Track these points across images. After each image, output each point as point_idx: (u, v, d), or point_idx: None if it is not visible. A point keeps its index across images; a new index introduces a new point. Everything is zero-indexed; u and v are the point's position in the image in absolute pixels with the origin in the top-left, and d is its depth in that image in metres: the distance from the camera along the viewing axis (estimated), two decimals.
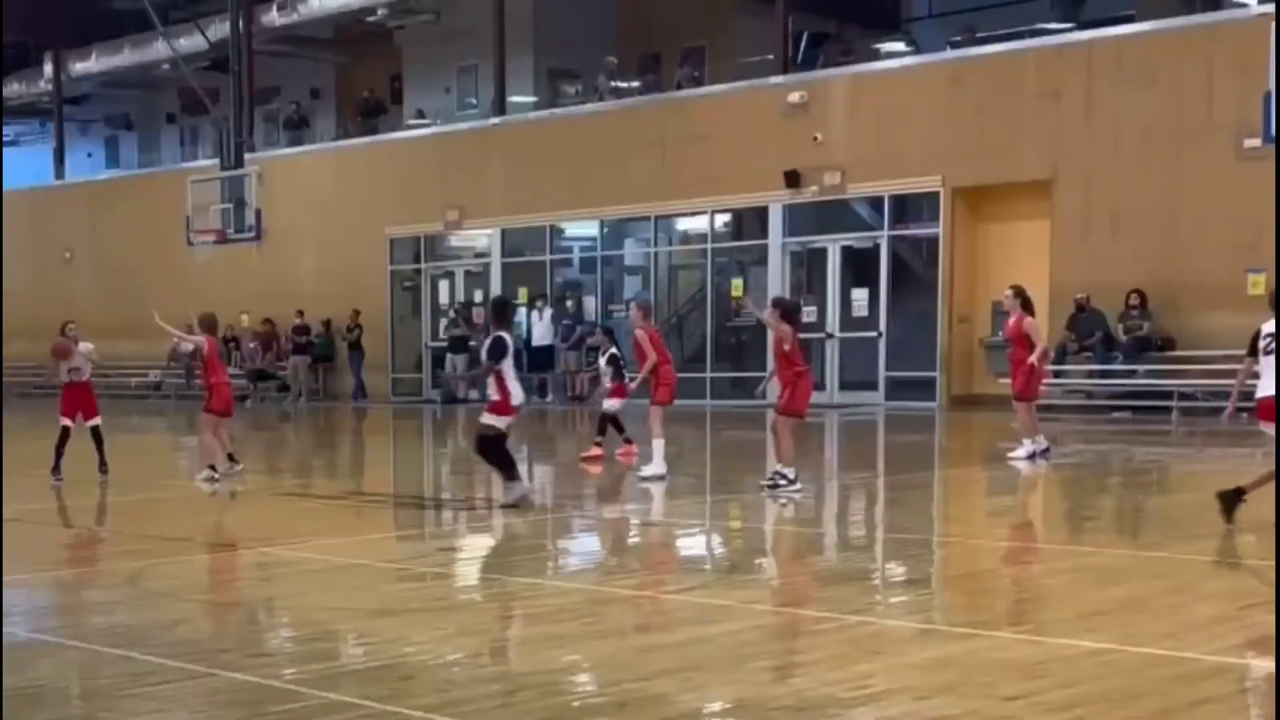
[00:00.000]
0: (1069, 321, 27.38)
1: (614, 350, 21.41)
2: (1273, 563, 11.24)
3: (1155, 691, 7.30)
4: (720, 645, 8.53)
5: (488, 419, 14.80)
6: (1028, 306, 19.22)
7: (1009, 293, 19.53)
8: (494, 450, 14.81)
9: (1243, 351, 16.97)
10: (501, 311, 16.33)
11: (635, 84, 36.37)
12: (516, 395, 14.75)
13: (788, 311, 16.30)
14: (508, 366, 14.71)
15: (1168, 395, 25.78)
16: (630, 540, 13.99)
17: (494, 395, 14.77)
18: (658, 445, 17.19)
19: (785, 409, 15.92)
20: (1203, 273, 25.94)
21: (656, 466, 16.86)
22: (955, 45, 31.67)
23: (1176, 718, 6.84)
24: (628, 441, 20.76)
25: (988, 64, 29.66)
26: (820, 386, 31.50)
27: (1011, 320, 19.34)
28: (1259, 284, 25.31)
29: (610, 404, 20.94)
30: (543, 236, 36.19)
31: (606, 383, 21.27)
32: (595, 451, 20.41)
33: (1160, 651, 8.14)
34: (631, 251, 36.23)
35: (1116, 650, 8.23)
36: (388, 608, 10.00)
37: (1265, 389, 13.11)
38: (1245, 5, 27.38)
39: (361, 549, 12.79)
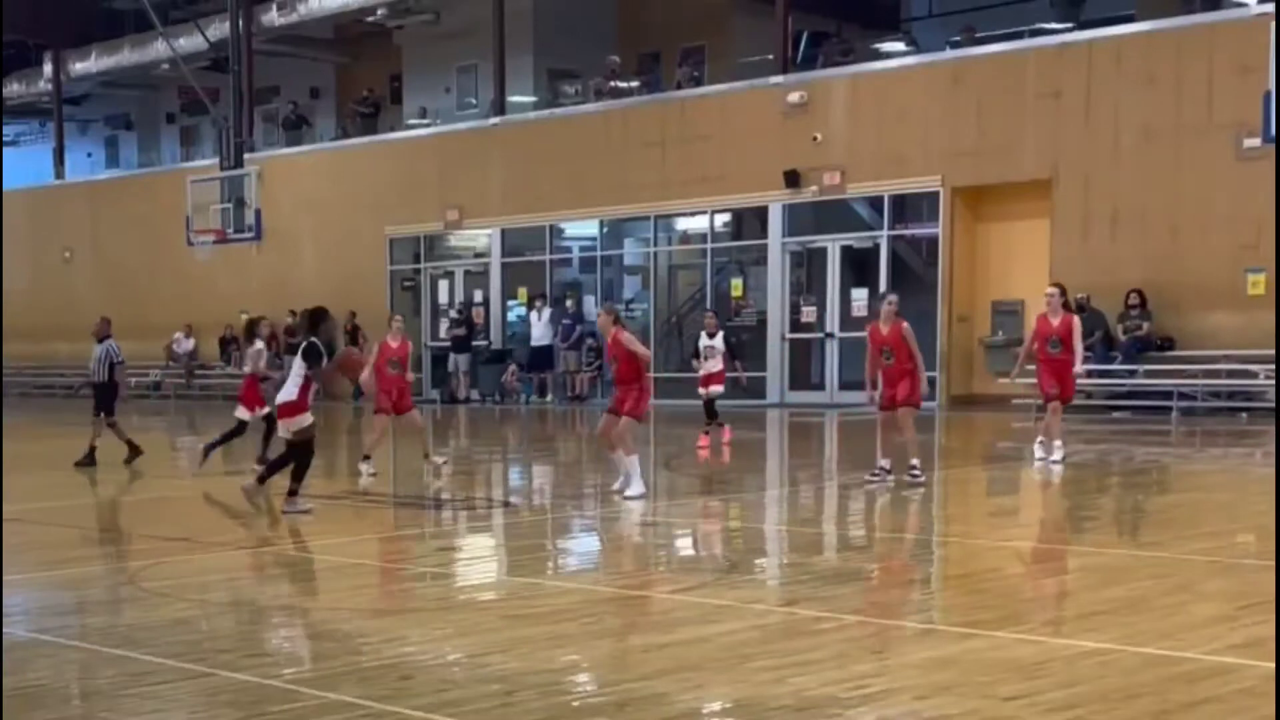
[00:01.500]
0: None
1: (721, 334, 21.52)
2: (1272, 563, 11.31)
3: (1154, 692, 7.32)
4: (720, 645, 8.55)
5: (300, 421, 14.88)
6: (1068, 305, 18.64)
7: (1054, 290, 18.68)
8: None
9: (1243, 351, 17.18)
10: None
11: (635, 84, 36.39)
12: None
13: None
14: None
15: (1167, 395, 25.77)
16: (630, 539, 13.95)
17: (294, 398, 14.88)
18: (633, 463, 15.84)
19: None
20: (1202, 273, 25.95)
21: (637, 486, 15.63)
22: (955, 45, 31.66)
23: (1175, 718, 6.84)
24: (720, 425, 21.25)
25: (987, 64, 29.66)
26: (820, 386, 31.69)
27: (1058, 321, 18.34)
28: (1259, 284, 25.39)
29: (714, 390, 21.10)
30: (542, 236, 36.20)
31: (715, 367, 21.38)
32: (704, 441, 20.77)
33: (1159, 651, 8.16)
34: (631, 251, 36.27)
35: (1116, 650, 8.24)
36: (387, 608, 10.03)
37: None
38: (1245, 5, 27.36)
39: (361, 549, 12.81)
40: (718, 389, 21.73)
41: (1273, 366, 24.06)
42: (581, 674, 8.11)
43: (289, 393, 14.91)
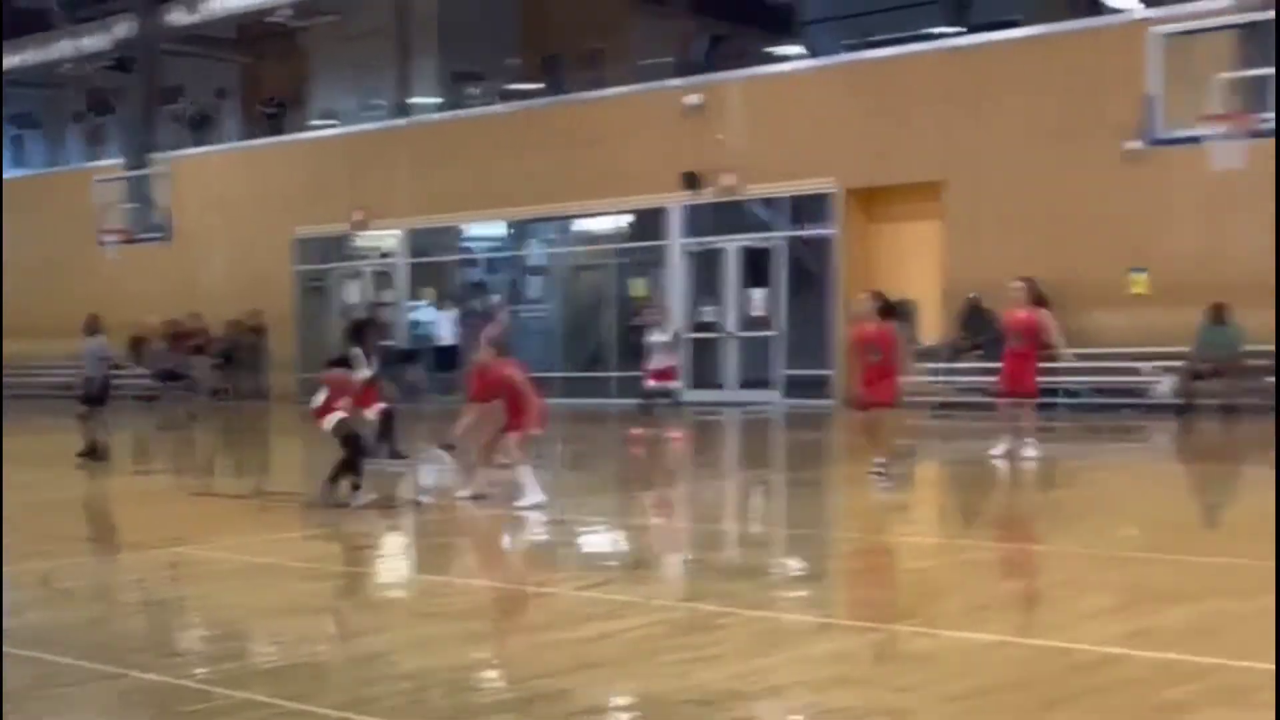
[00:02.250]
0: (961, 320, 27.64)
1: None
2: (1156, 555, 11.56)
3: (1045, 682, 7.44)
4: (626, 640, 8.60)
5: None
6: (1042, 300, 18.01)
7: (1019, 284, 18.57)
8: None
9: (1127, 348, 17.41)
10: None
11: (537, 86, 36.39)
12: None
13: None
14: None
15: (1055, 392, 25.78)
16: (538, 537, 13.97)
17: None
18: (525, 472, 15.24)
19: None
20: (1088, 272, 26.21)
21: (534, 495, 15.06)
22: (849, 49, 31.89)
23: (1066, 707, 6.94)
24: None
25: (880, 67, 29.95)
26: (720, 385, 31.83)
27: (1022, 314, 18.32)
28: (1140, 283, 25.74)
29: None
30: (448, 237, 36.16)
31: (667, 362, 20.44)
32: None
33: (1051, 643, 8.29)
34: (535, 252, 36.26)
35: (1009, 642, 8.37)
36: (299, 606, 9.97)
37: None
38: (1126, 11, 27.76)
39: (272, 548, 12.72)
40: (671, 384, 21.42)
41: (1157, 364, 24.55)
42: (490, 670, 8.13)
43: (317, 399, 15.15)
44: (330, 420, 15.03)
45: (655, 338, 21.88)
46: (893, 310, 16.86)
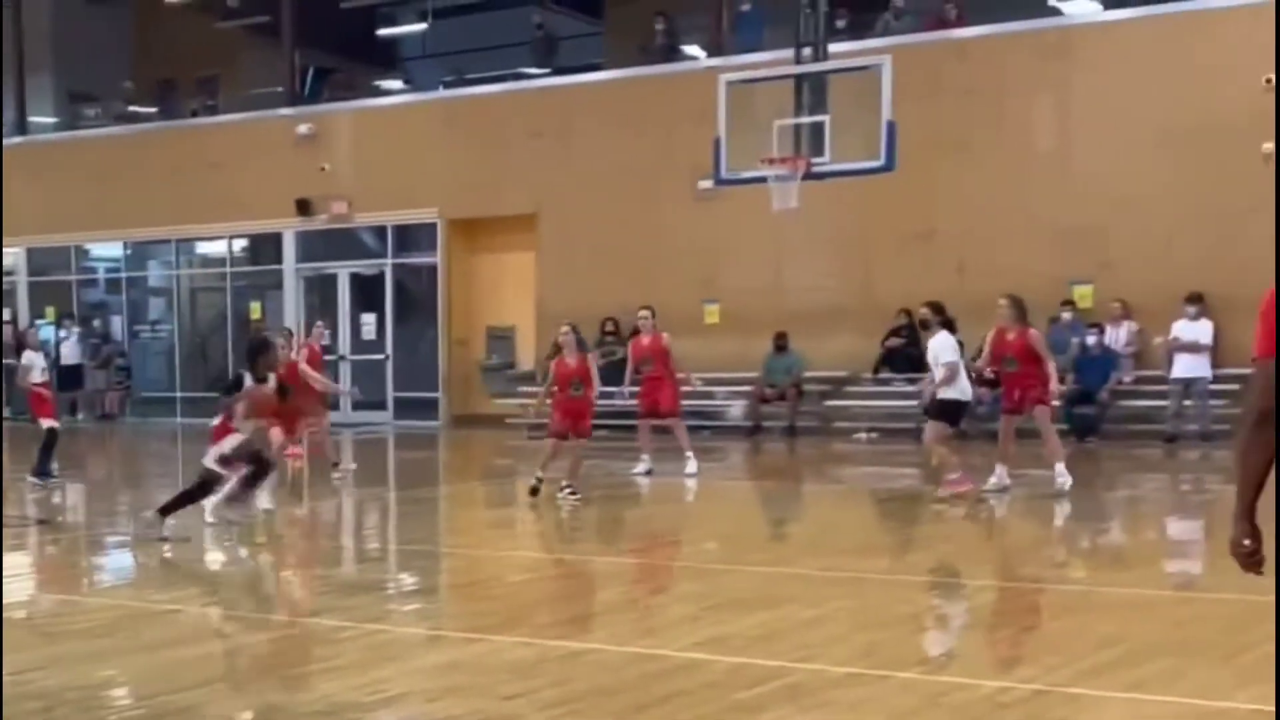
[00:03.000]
0: (552, 349, 27.70)
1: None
2: (732, 566, 12.01)
3: (636, 687, 7.67)
4: (250, 655, 8.66)
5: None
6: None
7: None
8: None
9: (704, 374, 17.89)
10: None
11: (153, 110, 35.66)
12: None
13: None
14: None
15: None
16: (163, 556, 13.83)
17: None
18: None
19: None
20: (668, 303, 25.69)
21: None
22: (448, 85, 32.10)
23: (653, 710, 7.17)
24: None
25: (477, 104, 29.99)
26: (336, 406, 31.58)
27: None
28: (714, 314, 26.38)
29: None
30: (68, 256, 35.04)
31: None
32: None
33: (639, 650, 8.51)
34: (155, 274, 35.24)
35: (602, 650, 8.59)
36: None
37: None
38: (697, 59, 28.33)
39: None
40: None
41: (729, 389, 25.17)
42: (119, 688, 7.98)
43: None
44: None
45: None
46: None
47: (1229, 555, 5.02)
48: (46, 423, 18.36)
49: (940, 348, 15.66)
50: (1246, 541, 4.95)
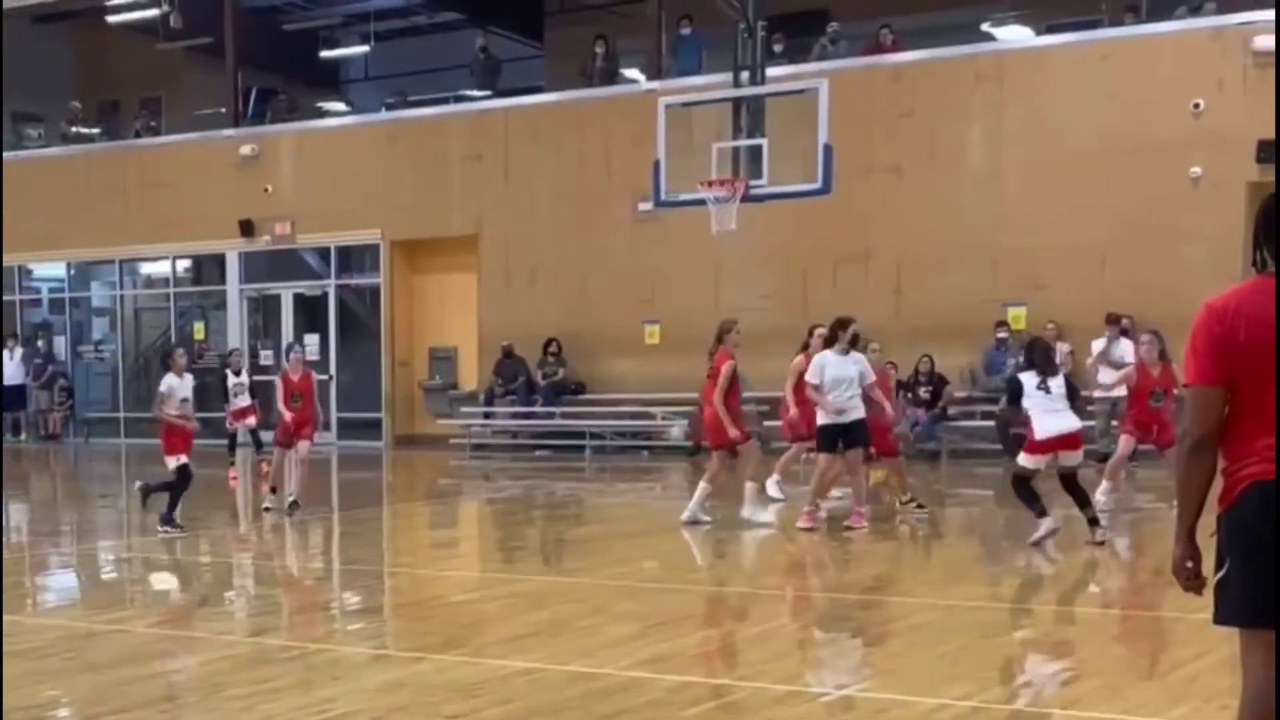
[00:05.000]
0: (496, 367, 27.65)
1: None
2: (672, 585, 11.97)
3: (578, 706, 7.65)
4: (195, 675, 8.58)
5: None
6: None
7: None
8: None
9: (644, 395, 17.74)
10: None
11: (96, 130, 35.40)
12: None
13: None
14: None
15: (581, 435, 26.14)
16: (107, 575, 13.73)
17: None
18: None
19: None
20: (608, 323, 26.59)
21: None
22: (390, 107, 31.99)
23: None
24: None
25: (418, 126, 29.82)
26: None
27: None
28: (655, 334, 26.31)
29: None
30: (12, 277, 34.57)
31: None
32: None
33: (581, 669, 8.48)
34: (98, 294, 34.92)
35: (544, 669, 8.55)
36: None
37: None
38: (637, 82, 28.28)
39: None
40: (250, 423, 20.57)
41: (669, 409, 25.08)
42: (63, 709, 7.95)
43: None
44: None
45: (236, 380, 21.59)
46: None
47: (1168, 574, 5.09)
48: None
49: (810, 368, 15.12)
50: (1189, 563, 5.05)
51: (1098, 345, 20.65)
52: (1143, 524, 15.92)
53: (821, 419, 14.88)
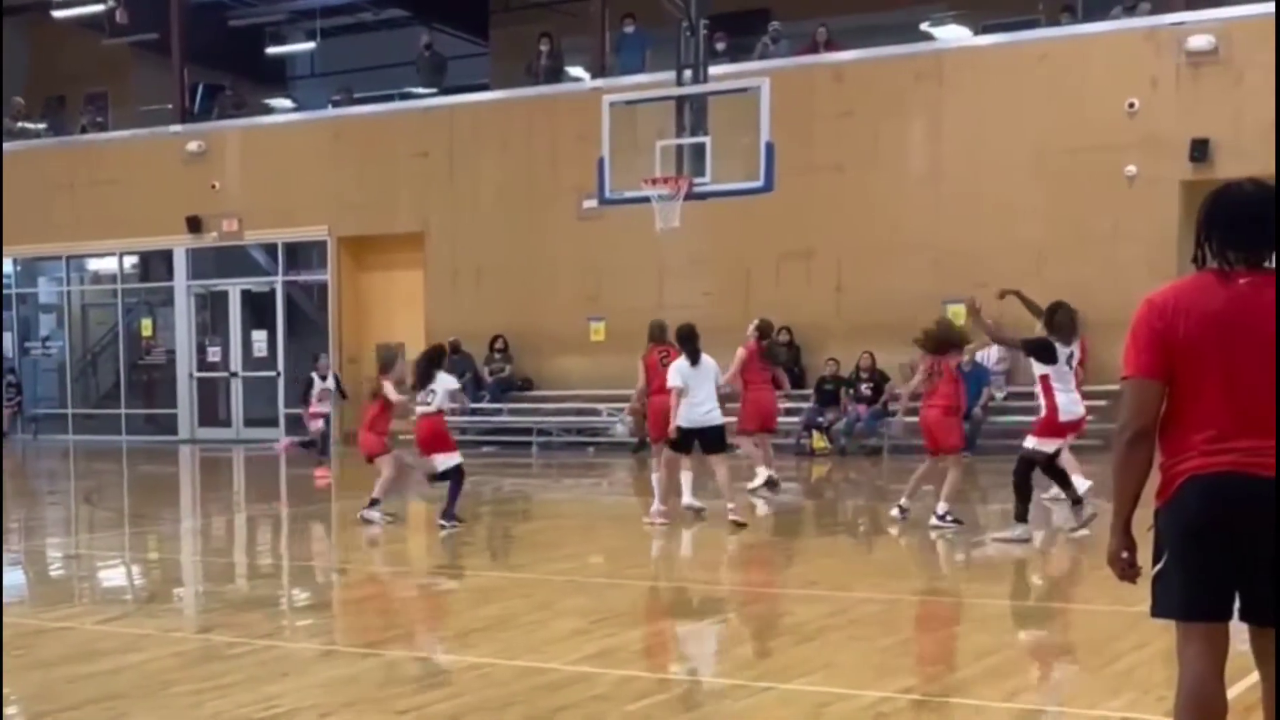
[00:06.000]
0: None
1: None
2: (617, 580, 12.02)
3: (525, 700, 7.64)
4: (143, 672, 8.45)
5: None
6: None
7: None
8: None
9: (589, 391, 17.66)
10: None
11: (43, 126, 35.08)
12: None
13: None
14: None
15: (529, 431, 26.12)
16: (55, 572, 13.56)
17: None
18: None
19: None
20: (553, 320, 26.64)
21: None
22: (336, 104, 31.83)
23: None
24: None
25: (364, 124, 29.69)
26: (227, 423, 31.17)
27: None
28: (600, 331, 26.25)
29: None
30: None
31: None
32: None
33: (528, 664, 8.48)
34: (45, 290, 34.69)
35: (492, 663, 8.53)
36: None
37: None
38: (581, 80, 28.31)
39: None
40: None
41: (613, 406, 24.87)
42: (11, 707, 7.82)
43: None
44: None
45: (322, 385, 21.51)
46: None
47: (1104, 566, 5.13)
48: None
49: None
50: (1125, 554, 5.10)
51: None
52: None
53: (679, 422, 14.88)
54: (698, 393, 14.83)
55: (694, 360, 14.91)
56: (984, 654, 8.69)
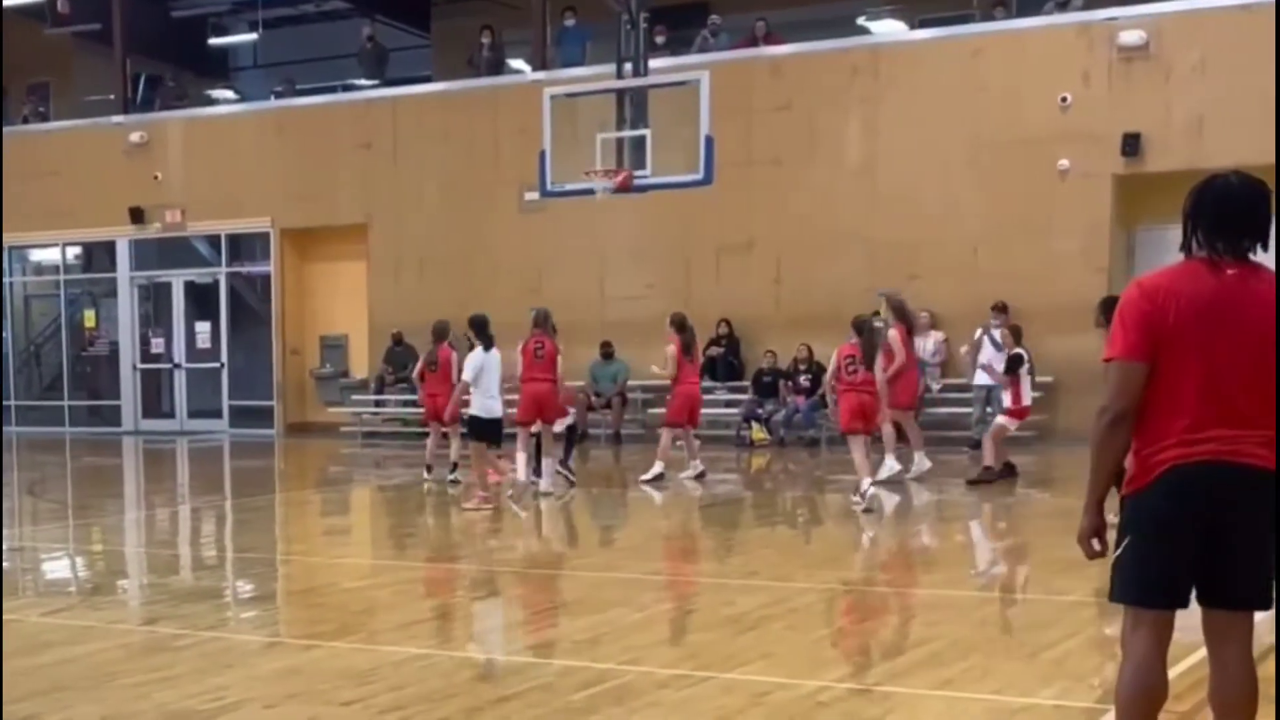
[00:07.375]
0: (386, 355, 27.55)
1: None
2: (561, 570, 12.11)
3: (468, 691, 7.69)
4: (87, 665, 8.41)
5: None
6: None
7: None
8: None
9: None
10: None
11: None
12: None
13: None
14: None
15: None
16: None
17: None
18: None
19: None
20: (495, 311, 25.06)
21: None
22: (278, 95, 31.70)
23: (486, 713, 7.21)
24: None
25: (307, 114, 29.62)
26: (170, 414, 31.00)
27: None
28: None
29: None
30: None
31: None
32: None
33: (471, 654, 8.55)
34: None
35: (434, 655, 8.58)
36: None
37: None
38: (522, 73, 28.29)
39: None
40: None
41: None
42: None
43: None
44: None
45: None
46: None
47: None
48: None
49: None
50: (1095, 534, 5.14)
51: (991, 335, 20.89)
52: (1014, 508, 16.16)
53: (473, 411, 15.63)
54: (490, 384, 15.64)
55: (487, 348, 15.65)
56: (920, 643, 8.77)
